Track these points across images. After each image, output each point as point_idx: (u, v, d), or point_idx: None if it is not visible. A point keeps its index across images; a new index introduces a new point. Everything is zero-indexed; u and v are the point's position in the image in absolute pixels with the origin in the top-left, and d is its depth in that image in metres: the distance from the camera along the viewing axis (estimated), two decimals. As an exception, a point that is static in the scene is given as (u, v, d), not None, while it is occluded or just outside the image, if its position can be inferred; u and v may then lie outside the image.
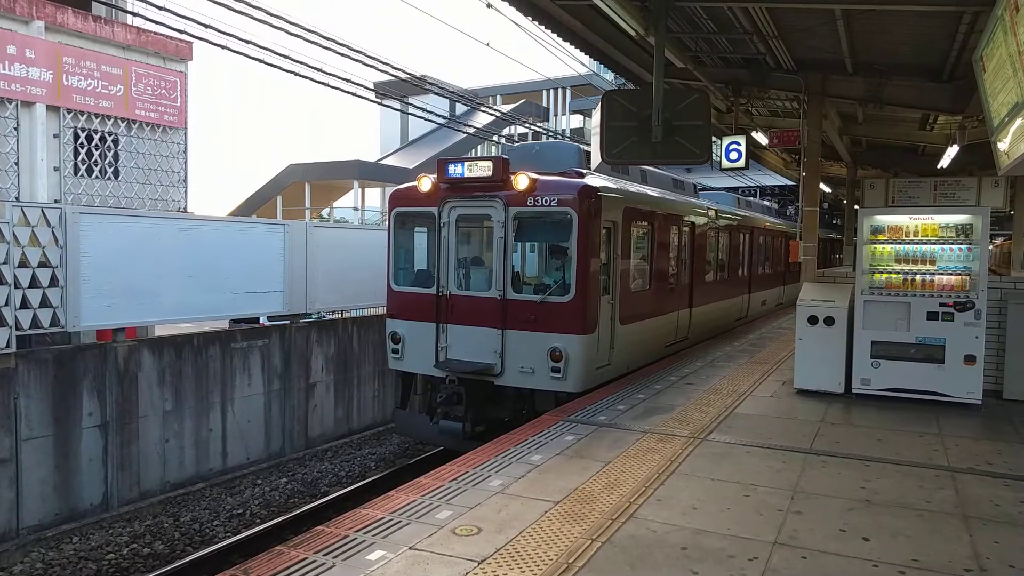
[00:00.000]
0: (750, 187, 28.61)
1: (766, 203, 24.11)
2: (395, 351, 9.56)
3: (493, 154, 11.53)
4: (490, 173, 8.64)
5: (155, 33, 14.82)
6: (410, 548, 4.24)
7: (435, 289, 9.14)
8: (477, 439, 8.32)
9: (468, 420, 8.81)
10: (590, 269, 8.44)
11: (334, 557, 4.13)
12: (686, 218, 12.16)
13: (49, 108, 13.47)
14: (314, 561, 4.08)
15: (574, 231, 8.33)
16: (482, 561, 4.06)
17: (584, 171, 9.11)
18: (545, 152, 10.36)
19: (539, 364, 8.45)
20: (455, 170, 8.87)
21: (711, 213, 13.62)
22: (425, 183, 9.15)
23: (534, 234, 9.29)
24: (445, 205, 9.06)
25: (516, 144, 12.02)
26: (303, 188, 32.17)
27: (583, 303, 8.41)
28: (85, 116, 13.99)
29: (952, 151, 13.51)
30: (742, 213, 16.79)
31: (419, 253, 9.95)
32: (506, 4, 8.36)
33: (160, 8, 9.30)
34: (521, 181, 8.42)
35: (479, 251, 9.63)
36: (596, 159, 7.55)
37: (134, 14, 12.20)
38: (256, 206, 32.71)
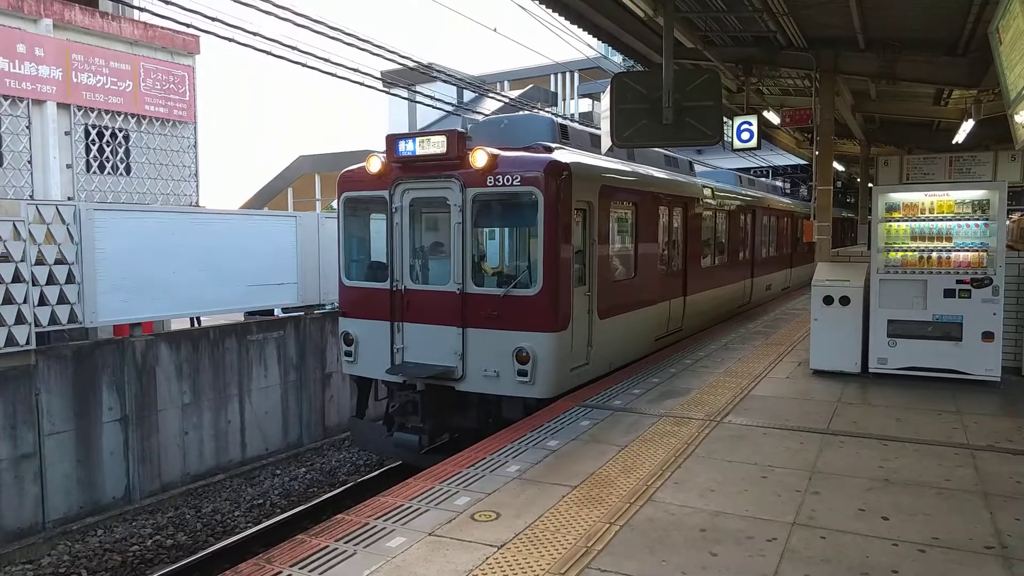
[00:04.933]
0: (762, 167, 28.38)
1: (772, 182, 23.33)
2: (348, 353, 8.53)
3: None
4: (444, 150, 7.59)
5: (162, 28, 14.84)
6: (430, 534, 4.28)
7: (388, 283, 8.15)
8: (440, 452, 7.82)
9: (425, 432, 7.89)
10: (560, 257, 7.42)
11: (355, 545, 4.17)
12: (678, 198, 11.19)
13: (60, 106, 13.54)
14: (335, 549, 4.12)
15: (540, 213, 7.32)
16: (501, 546, 4.09)
17: (554, 145, 8.06)
18: (515, 126, 9.09)
19: (504, 367, 7.45)
20: (406, 147, 7.81)
21: (707, 192, 12.58)
22: (374, 163, 8.12)
23: (496, 218, 8.32)
24: (397, 187, 8.02)
25: (483, 118, 10.65)
26: (313, 180, 32.24)
27: (552, 296, 7.39)
28: (96, 113, 14.06)
29: (967, 126, 13.32)
30: (744, 192, 15.91)
31: (372, 243, 8.92)
32: (512, -12, 8.30)
33: (166, 2, 9.30)
34: (479, 158, 7.39)
35: (437, 239, 8.53)
36: (606, 143, 7.48)
37: (141, 9, 12.21)
38: (267, 199, 32.82)
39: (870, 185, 15.95)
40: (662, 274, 10.51)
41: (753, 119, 11.56)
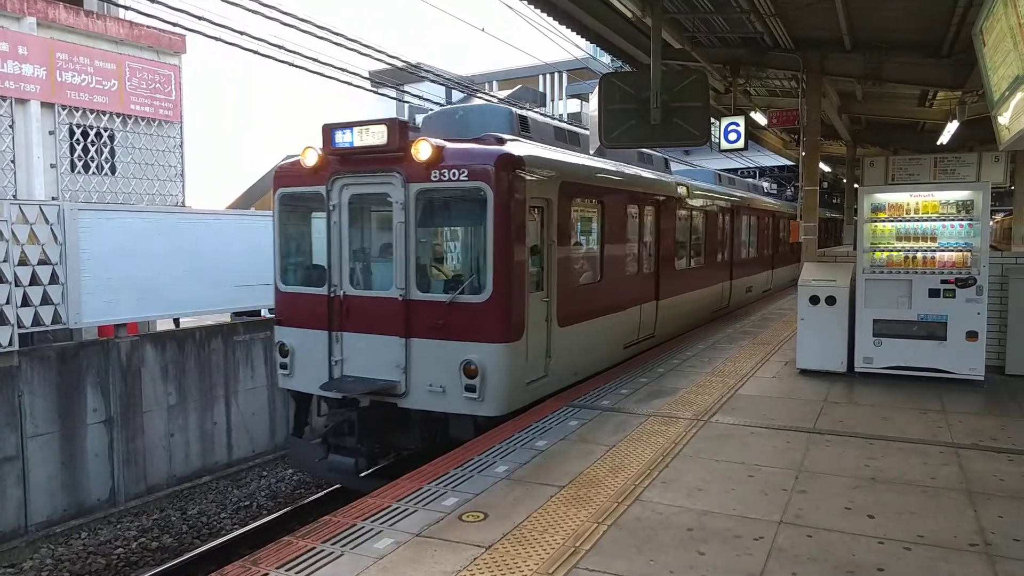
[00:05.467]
0: (749, 168, 28.53)
1: (754, 182, 22.85)
2: (283, 366, 7.78)
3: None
4: (384, 140, 6.90)
5: (148, 27, 14.72)
6: (417, 535, 4.26)
7: (326, 289, 7.42)
8: (382, 476, 7.34)
9: (362, 454, 7.20)
10: (512, 260, 6.78)
11: (342, 546, 4.14)
12: (651, 196, 10.57)
13: (44, 105, 13.39)
14: (322, 550, 4.10)
15: (489, 211, 6.67)
16: (489, 546, 4.08)
17: (508, 137, 7.43)
18: (470, 117, 8.29)
19: (451, 381, 6.79)
20: (343, 138, 7.13)
21: (683, 191, 11.94)
22: (310, 156, 7.42)
23: (442, 216, 7.73)
24: (335, 183, 7.34)
25: (438, 109, 10.14)
26: (301, 179, 32.07)
27: (503, 303, 6.73)
28: (80, 112, 13.93)
29: (952, 127, 13.46)
30: (723, 191, 15.29)
31: (312, 244, 8.22)
32: (500, -12, 8.30)
33: (152, 1, 9.23)
34: (422, 150, 6.72)
35: (380, 240, 7.84)
36: (595, 143, 7.48)
37: (126, 8, 12.11)
38: (254, 199, 32.62)
39: (856, 186, 16.08)
40: (632, 277, 9.92)
41: (740, 120, 11.62)
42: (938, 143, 15.16)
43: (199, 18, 9.74)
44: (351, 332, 7.32)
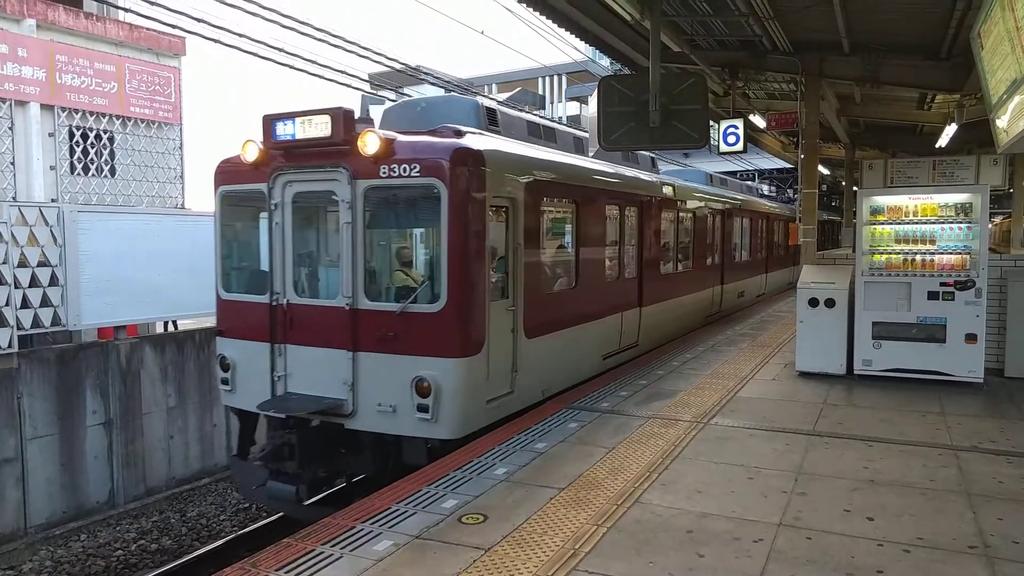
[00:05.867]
0: (748, 171, 28.57)
1: (747, 183, 22.32)
2: (224, 381, 7.15)
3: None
4: (329, 132, 6.29)
5: (147, 29, 14.74)
6: (416, 537, 4.26)
7: (269, 297, 6.77)
8: (329, 504, 6.85)
9: (304, 481, 6.52)
10: (470, 265, 6.20)
11: (341, 548, 4.14)
12: (633, 196, 9.94)
13: (43, 107, 13.41)
14: (321, 552, 4.10)
15: (444, 211, 6.06)
16: (489, 549, 4.08)
17: (467, 129, 6.91)
18: (433, 110, 7.65)
19: (402, 400, 6.17)
20: (284, 129, 6.51)
21: (669, 191, 11.27)
22: (250, 150, 6.76)
23: (392, 217, 7.07)
24: (277, 179, 6.72)
25: (398, 101, 9.37)
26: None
27: (459, 313, 6.14)
28: (80, 114, 13.93)
29: (950, 130, 13.48)
30: (713, 192, 14.68)
31: (258, 248, 7.51)
32: (500, -9, 8.32)
33: (152, 3, 9.24)
34: (370, 142, 6.10)
35: (327, 243, 7.32)
36: (594, 145, 7.49)
37: (126, 10, 12.14)
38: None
39: (855, 188, 16.11)
40: (612, 283, 9.37)
41: (739, 123, 11.66)
42: (937, 146, 15.19)
43: (198, 20, 9.75)
44: (296, 345, 6.67)
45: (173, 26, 10.06)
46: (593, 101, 7.41)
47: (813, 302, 8.56)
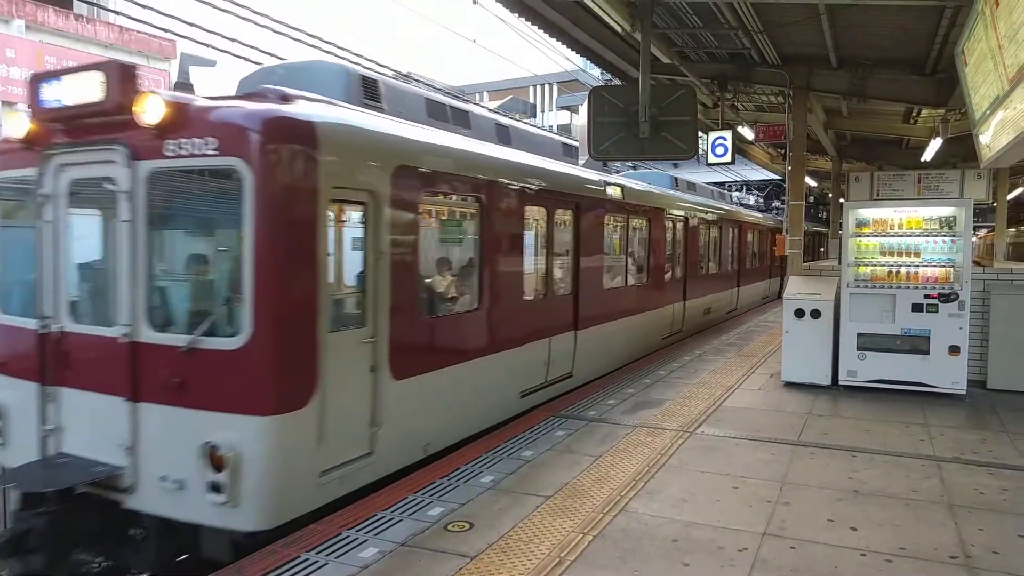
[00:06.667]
0: (736, 182, 28.77)
1: (719, 189, 20.41)
2: None
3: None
4: (102, 95, 4.66)
5: (138, 32, 14.70)
6: (402, 545, 4.25)
7: (36, 321, 5.09)
8: None
9: None
10: (289, 280, 4.57)
11: (327, 555, 4.13)
12: (567, 197, 8.33)
13: (31, 108, 13.32)
14: (307, 559, 4.08)
15: (249, 204, 4.38)
16: (474, 556, 4.08)
17: (310, 97, 5.08)
18: (295, 78, 5.58)
19: (191, 473, 4.44)
20: (52, 92, 4.89)
21: (615, 192, 9.62)
22: (17, 123, 5.15)
23: (185, 213, 5.16)
24: (48, 162, 5.02)
25: (257, 69, 6.87)
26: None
27: (271, 350, 4.44)
28: (68, 116, 13.85)
29: (935, 144, 13.65)
30: (677, 196, 13.19)
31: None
32: (492, 1, 8.37)
33: (143, 6, 9.22)
34: (150, 108, 4.50)
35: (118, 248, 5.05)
36: (584, 155, 7.51)
37: (117, 12, 12.10)
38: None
39: (841, 200, 16.26)
40: (536, 302, 7.86)
41: (728, 134, 11.75)
42: (922, 159, 15.37)
43: (190, 24, 9.74)
44: (72, 388, 4.97)
45: (164, 30, 10.04)
46: (583, 111, 7.45)
47: (799, 313, 8.63)
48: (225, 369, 4.50)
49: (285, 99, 4.83)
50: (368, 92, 6.01)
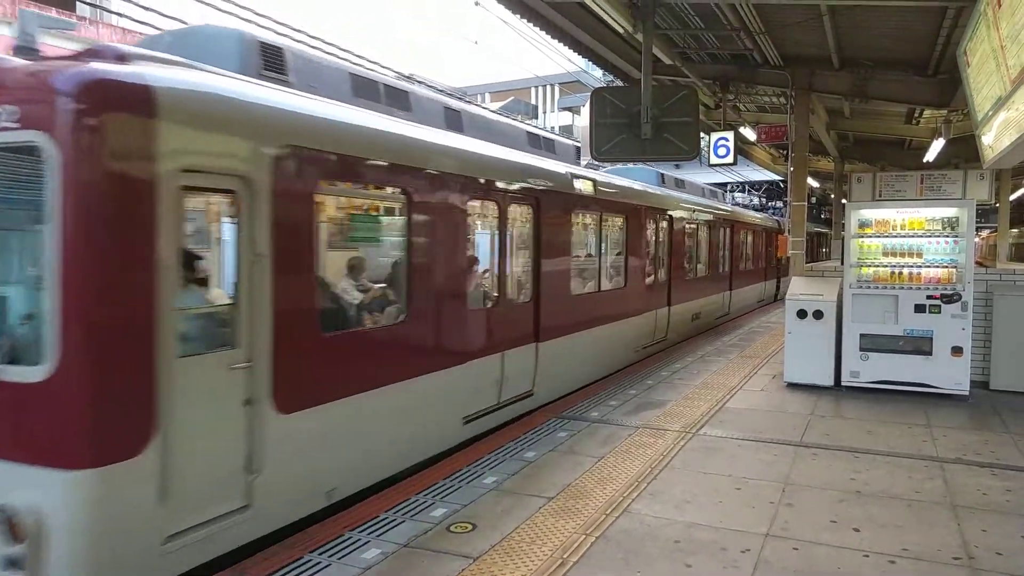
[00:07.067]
0: (737, 183, 28.77)
1: (712, 188, 19.12)
2: None
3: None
4: None
5: (140, 33, 14.73)
6: (405, 546, 4.25)
7: None
8: None
9: None
10: (116, 292, 3.59)
11: (329, 556, 4.13)
12: (525, 191, 7.33)
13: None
14: (309, 560, 4.08)
15: (54, 192, 3.47)
16: (477, 558, 4.08)
17: (160, 58, 4.13)
18: (184, 45, 4.70)
19: None
20: None
21: (586, 187, 8.70)
22: None
23: None
24: None
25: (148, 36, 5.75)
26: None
27: (86, 382, 3.48)
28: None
29: (938, 145, 13.64)
30: (662, 193, 12.20)
31: None
32: (494, 2, 8.38)
33: (146, 8, 9.24)
34: None
35: None
36: (586, 155, 7.50)
37: (119, 14, 12.11)
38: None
39: (843, 201, 16.25)
40: (486, 311, 6.83)
41: (730, 135, 11.77)
42: (924, 160, 15.36)
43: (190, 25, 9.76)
44: None
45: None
46: (585, 112, 7.45)
47: (801, 314, 8.62)
48: (25, 408, 3.53)
49: (121, 58, 3.90)
50: (270, 62, 5.03)
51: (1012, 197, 19.91)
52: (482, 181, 6.66)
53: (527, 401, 7.44)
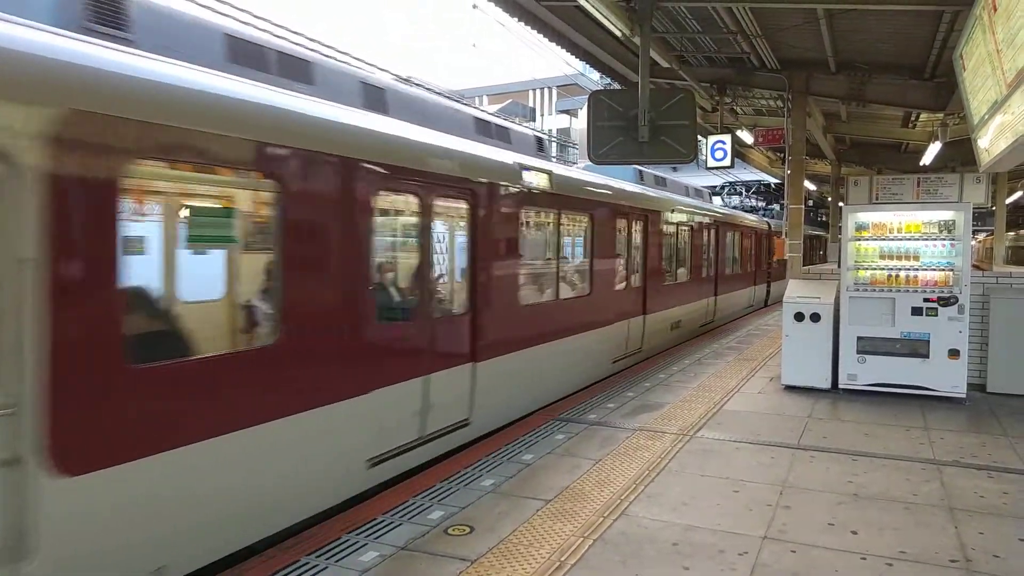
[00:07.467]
0: (732, 184, 28.82)
1: (698, 188, 17.99)
2: None
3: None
4: None
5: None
6: (402, 548, 4.25)
7: None
8: None
9: None
10: None
11: (327, 559, 4.13)
12: (460, 184, 6.29)
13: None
14: (307, 563, 4.08)
15: None
16: (475, 560, 4.07)
17: None
18: None
19: None
20: None
21: (540, 180, 7.65)
22: None
23: None
24: None
25: None
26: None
27: None
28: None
29: (934, 148, 13.69)
30: (638, 191, 11.22)
31: None
32: (491, 5, 8.39)
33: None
34: None
35: None
36: (584, 158, 7.50)
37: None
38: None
39: (840, 204, 16.29)
40: (395, 328, 5.78)
41: (727, 138, 11.79)
42: (921, 163, 15.42)
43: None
44: None
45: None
46: (583, 115, 7.46)
47: (799, 316, 8.63)
48: None
49: None
50: (102, 13, 3.98)
51: (1008, 200, 19.99)
52: (387, 168, 5.33)
53: (465, 431, 6.36)
